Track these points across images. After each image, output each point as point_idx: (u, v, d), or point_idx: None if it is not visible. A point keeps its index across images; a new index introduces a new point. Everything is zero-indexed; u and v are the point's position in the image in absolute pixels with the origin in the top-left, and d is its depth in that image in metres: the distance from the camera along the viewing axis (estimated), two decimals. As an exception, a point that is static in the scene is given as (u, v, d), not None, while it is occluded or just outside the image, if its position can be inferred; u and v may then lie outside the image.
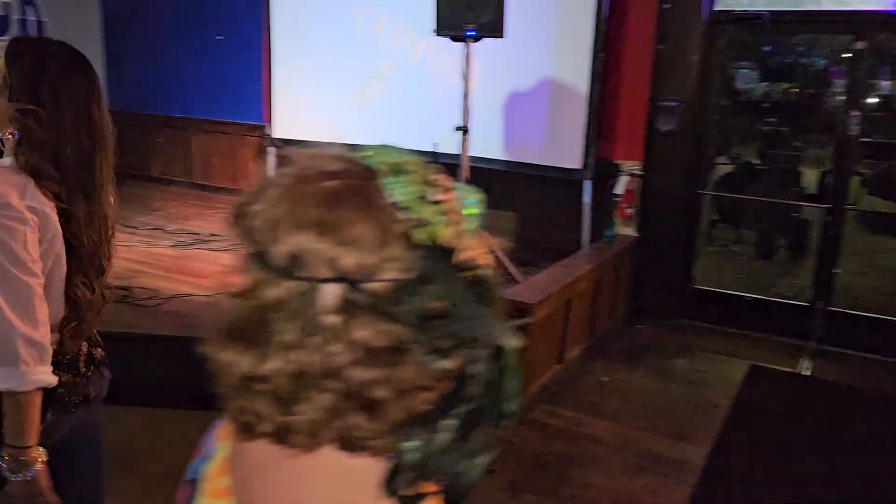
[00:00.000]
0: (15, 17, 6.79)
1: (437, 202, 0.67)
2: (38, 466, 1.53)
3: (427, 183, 0.68)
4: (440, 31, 3.89)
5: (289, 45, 6.00)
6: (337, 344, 0.62)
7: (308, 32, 5.87)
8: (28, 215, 1.47)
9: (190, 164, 7.27)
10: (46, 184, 1.52)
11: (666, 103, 4.93)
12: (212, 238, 5.33)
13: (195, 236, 5.38)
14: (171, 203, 6.56)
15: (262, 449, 0.69)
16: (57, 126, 1.55)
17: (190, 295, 4.04)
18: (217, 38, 6.83)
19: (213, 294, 4.04)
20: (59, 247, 1.55)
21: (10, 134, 1.55)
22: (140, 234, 5.38)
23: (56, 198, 1.53)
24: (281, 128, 6.11)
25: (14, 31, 6.80)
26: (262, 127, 6.40)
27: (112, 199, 1.71)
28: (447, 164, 3.10)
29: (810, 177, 5.96)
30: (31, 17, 6.93)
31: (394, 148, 0.70)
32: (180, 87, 7.17)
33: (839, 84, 5.38)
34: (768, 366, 4.46)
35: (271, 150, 6.29)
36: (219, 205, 6.57)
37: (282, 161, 0.74)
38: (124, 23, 7.44)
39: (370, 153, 0.69)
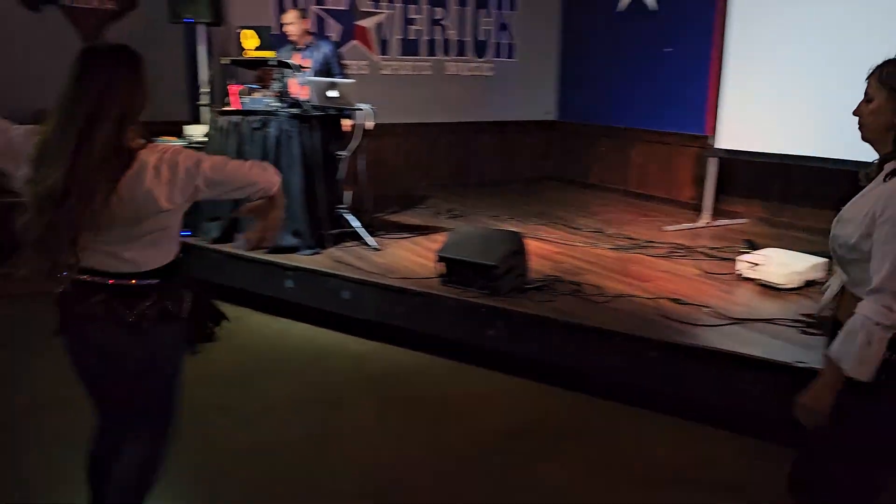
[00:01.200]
0: (493, 41, 7.89)
1: None
2: None
3: None
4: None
5: (743, 53, 5.84)
6: None
7: (768, 39, 5.64)
8: None
9: (627, 172, 7.58)
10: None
11: None
12: (648, 244, 5.50)
13: (633, 241, 5.60)
14: (608, 208, 6.92)
15: None
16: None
17: (633, 296, 4.24)
18: (666, 50, 7.00)
19: (656, 297, 4.20)
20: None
21: None
22: (583, 235, 5.79)
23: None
24: (726, 138, 5.99)
25: (491, 53, 7.90)
26: (703, 138, 6.36)
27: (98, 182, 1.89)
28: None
29: None
30: (505, 41, 7.97)
31: None
32: (625, 99, 7.52)
33: None
34: None
35: (712, 161, 6.21)
36: (654, 213, 6.73)
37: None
38: (579, 41, 8.08)
39: None
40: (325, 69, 5.57)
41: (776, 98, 5.60)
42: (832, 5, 5.21)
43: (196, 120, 6.08)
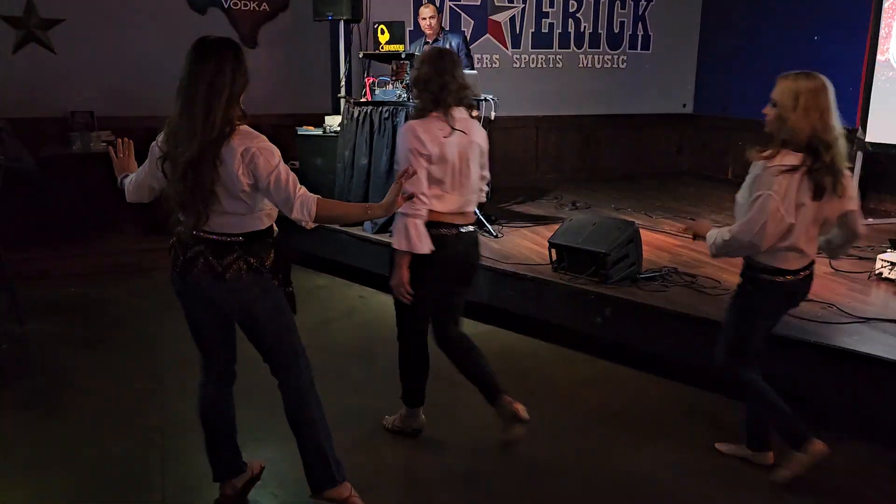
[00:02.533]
0: (627, 32, 7.79)
1: None
2: None
3: None
4: None
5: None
6: None
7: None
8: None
9: (767, 167, 7.24)
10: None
11: None
12: (780, 241, 5.26)
13: (763, 238, 5.37)
14: (743, 205, 6.66)
15: None
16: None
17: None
18: (814, 38, 6.62)
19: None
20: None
21: None
22: (709, 230, 5.63)
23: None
24: (876, 131, 5.60)
25: (625, 45, 7.80)
26: (852, 131, 5.96)
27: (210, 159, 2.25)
28: None
29: None
30: (640, 33, 7.84)
31: None
32: (768, 90, 7.15)
33: None
34: None
35: (858, 155, 5.81)
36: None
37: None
38: (719, 31, 7.79)
39: None
40: (454, 62, 5.77)
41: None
42: None
43: (337, 111, 6.50)
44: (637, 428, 3.41)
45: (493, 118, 5.22)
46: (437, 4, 6.65)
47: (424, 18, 5.83)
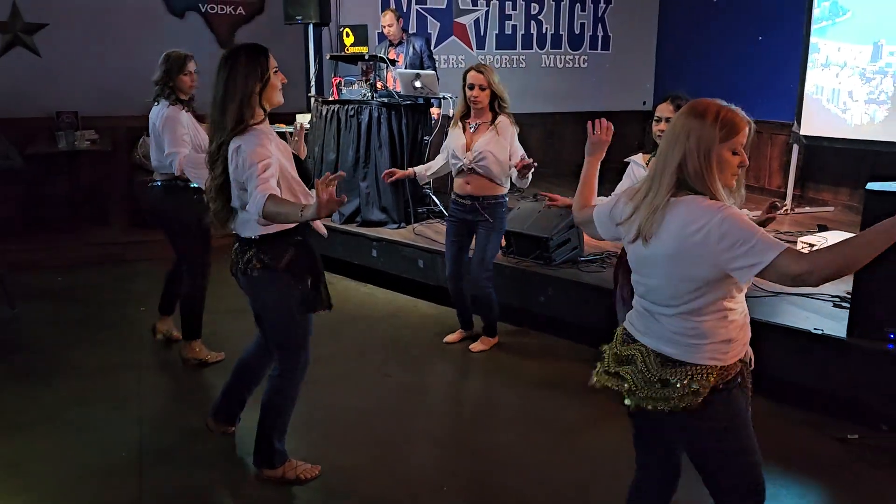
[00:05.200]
0: (588, 33, 8.18)
1: None
2: None
3: None
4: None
5: (830, 36, 5.86)
6: None
7: (852, 24, 5.64)
8: None
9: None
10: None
11: None
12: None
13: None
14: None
15: None
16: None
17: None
18: (759, 38, 7.02)
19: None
20: None
21: None
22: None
23: None
24: (810, 126, 6.01)
25: (586, 46, 8.19)
26: (790, 125, 6.38)
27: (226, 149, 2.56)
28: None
29: None
30: (600, 34, 8.23)
31: None
32: (720, 87, 7.42)
33: None
34: None
35: (795, 148, 6.23)
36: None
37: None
38: (676, 33, 8.19)
39: None
40: (417, 62, 6.14)
41: (861, 82, 5.59)
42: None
43: (309, 109, 6.85)
44: (567, 391, 3.80)
45: (451, 115, 5.58)
46: (403, 9, 7.02)
47: (385, 26, 6.19)
